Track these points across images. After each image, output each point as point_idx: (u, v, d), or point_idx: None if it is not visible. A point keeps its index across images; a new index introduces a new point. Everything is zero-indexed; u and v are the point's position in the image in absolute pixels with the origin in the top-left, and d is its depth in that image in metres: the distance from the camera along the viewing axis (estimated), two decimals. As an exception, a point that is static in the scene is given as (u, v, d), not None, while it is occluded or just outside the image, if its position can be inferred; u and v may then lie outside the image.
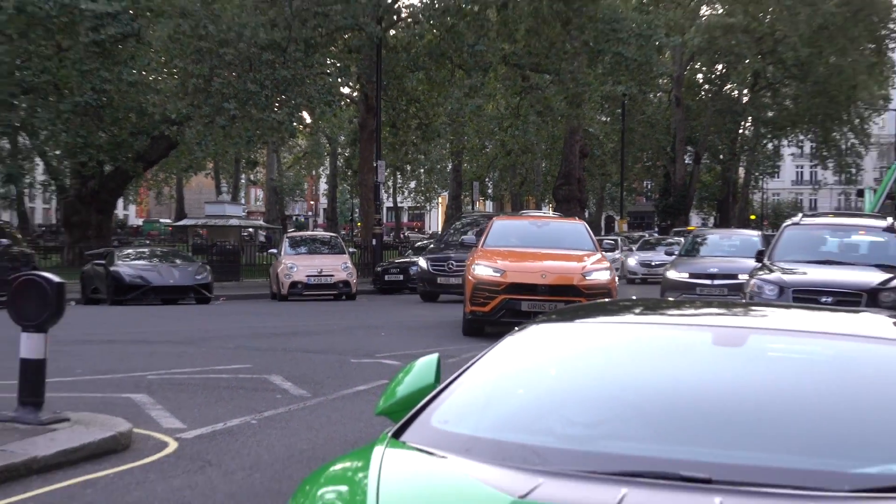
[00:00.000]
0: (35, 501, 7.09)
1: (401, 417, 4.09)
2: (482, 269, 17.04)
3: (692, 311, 4.77)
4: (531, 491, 3.36)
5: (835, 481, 3.43)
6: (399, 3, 36.23)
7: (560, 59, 34.92)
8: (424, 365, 4.47)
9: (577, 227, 20.93)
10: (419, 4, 37.42)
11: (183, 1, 30.50)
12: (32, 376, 8.82)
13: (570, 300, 14.69)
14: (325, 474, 3.65)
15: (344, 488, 3.51)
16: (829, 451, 3.63)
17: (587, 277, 16.95)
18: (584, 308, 4.94)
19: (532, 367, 4.35)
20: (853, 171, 70.13)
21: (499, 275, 16.67)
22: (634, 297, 21.34)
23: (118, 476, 7.80)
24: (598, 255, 18.95)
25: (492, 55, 34.77)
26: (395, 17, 35.47)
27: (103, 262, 27.15)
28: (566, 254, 18.39)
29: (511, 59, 36.05)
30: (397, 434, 3.90)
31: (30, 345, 8.77)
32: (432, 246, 31.31)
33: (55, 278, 9.04)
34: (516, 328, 4.75)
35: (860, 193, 74.95)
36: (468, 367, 4.27)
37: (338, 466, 3.70)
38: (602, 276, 17.57)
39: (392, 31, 34.73)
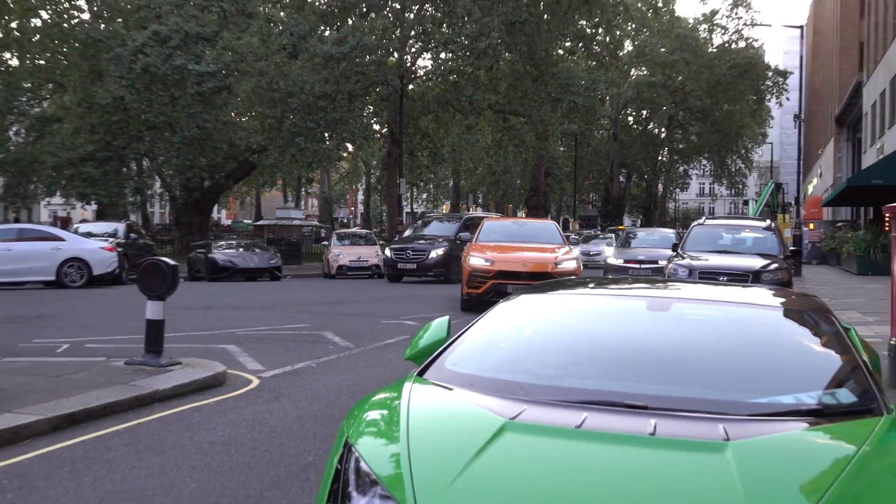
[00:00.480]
0: (158, 422, 7.08)
1: (422, 362, 4.09)
2: (475, 260, 16.36)
3: (631, 286, 4.75)
4: (518, 414, 3.36)
5: (736, 408, 3.43)
6: (415, 66, 36.02)
7: (530, 106, 34.87)
8: (439, 324, 4.50)
9: (549, 226, 20.28)
10: (430, 67, 37.31)
11: (261, 64, 30.43)
12: (154, 332, 8.88)
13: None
14: (369, 402, 3.64)
15: (384, 412, 3.50)
16: (731, 387, 3.65)
17: (558, 266, 16.33)
18: (553, 284, 4.94)
19: (516, 326, 4.36)
20: (740, 187, 70.11)
21: (489, 264, 16.01)
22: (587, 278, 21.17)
23: (217, 404, 7.81)
24: (567, 248, 18.26)
25: (482, 103, 34.71)
26: (412, 76, 35.24)
27: (203, 250, 27.26)
28: (541, 247, 17.62)
29: (495, 106, 35.93)
30: (421, 373, 3.90)
31: (153, 309, 8.81)
32: (396, 238, 30.08)
33: (171, 262, 9.13)
34: (503, 299, 4.74)
35: (746, 203, 74.89)
36: (470, 326, 4.27)
37: (378, 396, 3.69)
38: (570, 264, 16.92)
39: (410, 86, 34.50)
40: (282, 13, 35.36)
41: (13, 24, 40.09)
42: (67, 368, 8.82)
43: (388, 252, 27.13)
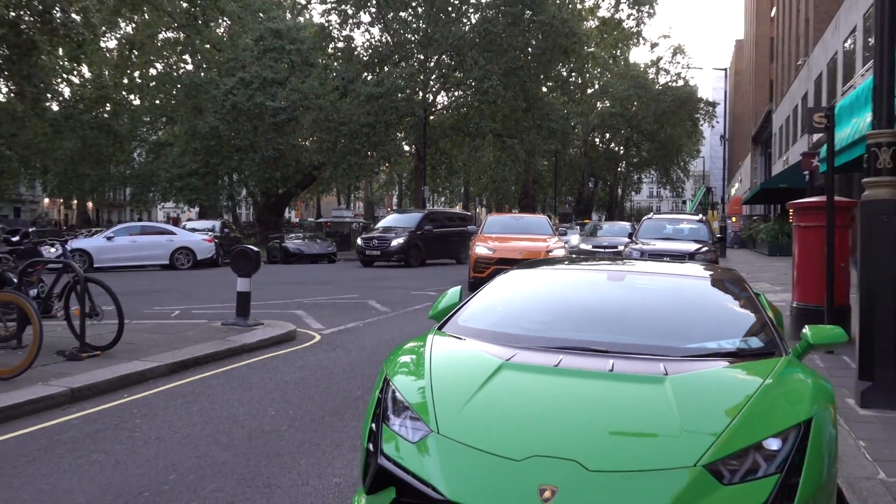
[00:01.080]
0: (246, 367, 7.09)
1: (441, 320, 4.08)
2: (480, 249, 15.13)
3: (595, 264, 4.72)
4: (512, 357, 3.37)
5: (673, 352, 3.43)
6: (435, 101, 35.84)
7: (522, 131, 34.64)
8: (453, 292, 4.46)
9: (541, 220, 18.62)
10: (446, 102, 37.14)
11: (320, 101, 30.40)
12: (243, 301, 8.88)
13: None
14: (402, 349, 3.65)
15: (413, 356, 3.50)
16: (670, 336, 3.64)
17: (549, 254, 14.94)
18: (539, 262, 4.91)
19: (510, 293, 4.32)
20: (680, 190, 69.29)
21: (491, 252, 14.81)
22: (564, 257, 21.02)
23: (289, 353, 7.83)
24: (556, 238, 16.89)
25: (485, 129, 34.43)
26: (433, 109, 35.04)
27: (278, 241, 27.09)
28: (535, 237, 16.15)
29: (495, 132, 35.60)
30: (440, 328, 3.91)
31: (242, 284, 8.82)
32: (369, 229, 28.30)
33: (255, 248, 9.10)
34: (501, 273, 4.72)
35: (684, 203, 74.21)
36: (476, 293, 4.26)
37: (409, 345, 3.70)
38: (559, 252, 15.50)
39: (431, 117, 34.28)
40: (335, 63, 35.22)
41: (136, 74, 40.20)
42: (179, 328, 8.86)
43: (358, 241, 24.90)
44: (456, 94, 35.43)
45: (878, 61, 5.27)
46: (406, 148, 39.03)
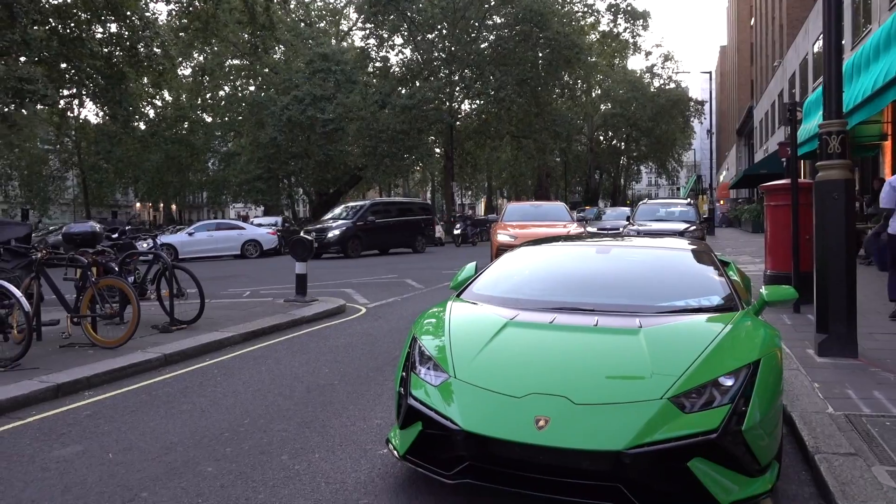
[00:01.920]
0: (305, 335, 7.30)
1: (459, 289, 4.24)
2: (502, 237, 13.76)
3: (587, 241, 4.83)
4: (514, 317, 3.52)
5: (647, 309, 3.54)
6: (460, 109, 35.72)
7: (535, 133, 34.42)
8: (469, 267, 4.63)
9: (559, 207, 16.66)
10: (469, 110, 37.04)
11: (362, 112, 30.54)
12: (301, 281, 9.10)
13: None
14: (427, 313, 3.81)
15: (435, 319, 3.67)
16: (645, 297, 3.74)
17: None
18: (541, 240, 5.04)
19: (516, 266, 4.44)
20: (675, 179, 68.38)
21: (513, 239, 13.21)
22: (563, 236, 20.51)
23: (340, 323, 8.02)
24: (575, 224, 15.25)
25: (503, 132, 34.37)
26: (458, 116, 34.93)
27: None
28: (554, 223, 14.50)
29: (512, 133, 35.50)
30: (458, 296, 4.06)
31: (300, 267, 9.05)
32: (313, 223, 25.14)
33: (309, 238, 9.30)
34: (507, 250, 4.85)
35: (679, 189, 73.09)
36: (488, 267, 4.41)
37: (432, 310, 3.86)
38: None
39: (457, 123, 34.22)
40: (374, 80, 35.31)
41: (208, 96, 40.81)
42: (250, 305, 9.12)
43: (302, 234, 20.93)
44: (477, 102, 35.27)
45: (826, 62, 5.27)
46: (437, 151, 39.04)
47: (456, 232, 28.16)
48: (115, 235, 9.14)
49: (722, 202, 44.64)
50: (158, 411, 4.55)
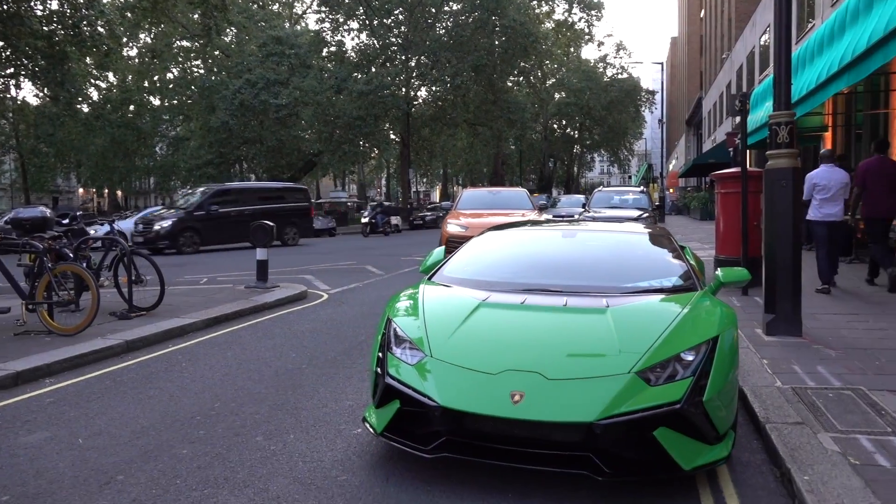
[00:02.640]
0: (268, 321, 7.28)
1: (430, 273, 4.32)
2: (452, 227, 11.87)
3: (553, 226, 4.96)
4: (487, 298, 3.63)
5: (613, 290, 3.69)
6: (416, 96, 35.63)
7: (492, 120, 34.62)
8: (438, 251, 4.71)
9: (519, 194, 14.40)
10: (425, 96, 36.98)
11: (318, 98, 30.15)
12: (262, 267, 9.04)
13: None
14: (400, 295, 3.89)
15: (409, 300, 3.74)
16: (610, 279, 3.89)
17: None
18: (507, 224, 5.14)
19: (484, 250, 4.55)
20: (626, 167, 69.77)
21: (464, 230, 11.51)
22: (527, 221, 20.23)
23: (303, 309, 8.01)
24: (536, 212, 13.32)
25: (459, 119, 34.46)
26: (414, 103, 34.89)
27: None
28: (512, 212, 12.52)
29: (468, 121, 35.64)
30: (429, 279, 4.15)
31: (261, 253, 8.99)
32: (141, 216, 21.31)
33: (270, 224, 9.19)
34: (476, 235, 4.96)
35: (630, 178, 74.57)
36: (456, 251, 4.50)
37: (405, 292, 3.93)
38: None
39: (413, 109, 34.14)
40: (329, 64, 34.85)
41: (155, 78, 39.61)
42: (209, 292, 9.02)
43: (130, 224, 18.53)
44: (433, 89, 35.27)
45: (776, 56, 5.54)
46: (392, 137, 38.90)
47: (364, 220, 27.64)
48: (66, 221, 8.87)
49: (671, 190, 45.86)
50: (125, 397, 4.51)
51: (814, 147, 17.29)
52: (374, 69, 32.47)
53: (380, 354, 3.33)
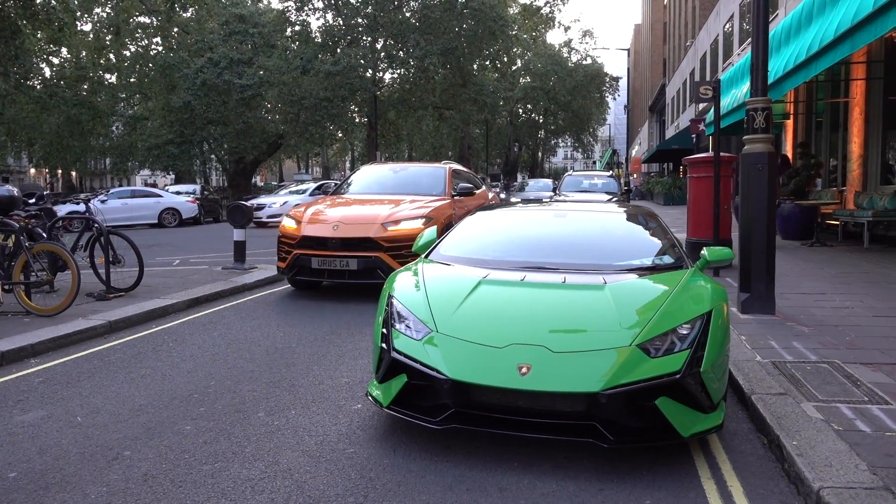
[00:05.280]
0: (250, 301, 7.26)
1: (424, 252, 4.39)
2: (287, 221, 7.68)
3: (544, 206, 5.06)
4: (487, 275, 3.71)
5: (609, 268, 3.80)
6: (383, 78, 35.29)
7: (459, 104, 34.56)
8: (430, 231, 4.72)
9: (435, 172, 9.23)
10: (393, 79, 36.67)
11: (284, 77, 29.63)
12: (240, 248, 8.96)
13: (365, 255, 6.88)
14: (399, 274, 3.92)
15: (409, 278, 3.78)
16: (606, 257, 4.01)
17: (390, 228, 7.10)
18: (499, 205, 5.17)
19: (479, 229, 4.62)
20: (590, 152, 70.41)
21: (297, 227, 7.40)
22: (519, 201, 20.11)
23: (284, 290, 7.95)
24: (439, 203, 7.94)
25: (426, 102, 34.30)
26: (382, 85, 34.54)
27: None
28: (399, 199, 7.93)
29: (435, 104, 35.49)
30: (426, 257, 4.22)
31: (238, 234, 8.87)
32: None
33: (248, 204, 9.13)
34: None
35: (594, 163, 75.46)
36: (450, 231, 4.57)
37: (404, 271, 3.97)
38: (412, 224, 7.16)
39: (380, 92, 33.84)
40: (293, 44, 34.23)
41: (111, 55, 38.37)
42: (185, 273, 8.91)
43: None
44: (400, 71, 35.00)
45: (755, 43, 5.72)
46: (359, 119, 38.52)
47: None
48: (33, 201, 8.64)
49: (635, 175, 46.64)
50: (116, 376, 4.49)
51: (776, 135, 17.82)
52: (339, 50, 32.03)
53: (384, 331, 3.39)
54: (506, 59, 41.51)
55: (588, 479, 2.93)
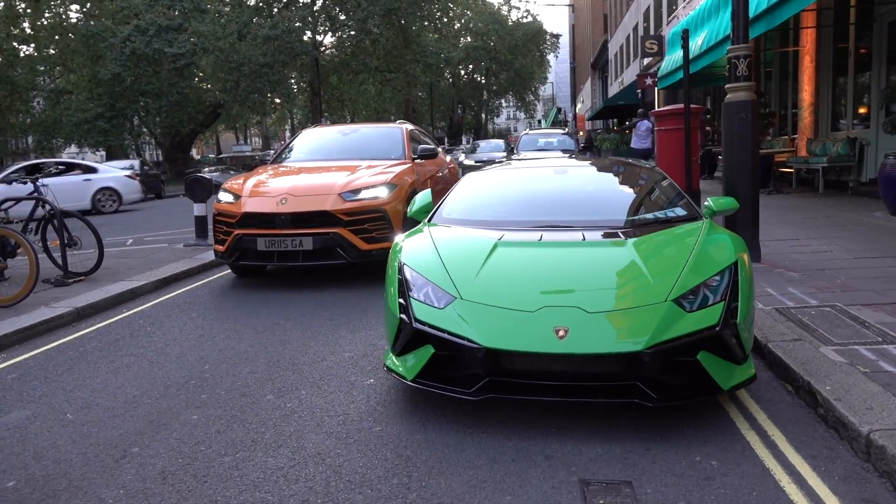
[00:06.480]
0: (222, 278, 6.92)
1: (420, 217, 4.20)
2: (223, 195, 6.53)
3: (540, 163, 4.92)
4: (502, 237, 3.57)
5: (627, 223, 3.71)
6: (324, 42, 34.26)
7: (402, 66, 33.90)
8: (423, 194, 4.51)
9: (391, 133, 8.08)
10: (333, 41, 35.63)
11: (220, 44, 28.31)
12: (201, 224, 8.56)
13: (322, 232, 5.90)
14: (405, 240, 3.73)
15: (418, 243, 3.62)
16: (618, 212, 3.92)
17: (349, 199, 6.04)
18: (498, 163, 4.99)
19: (480, 189, 4.46)
20: (533, 112, 70.66)
21: (236, 202, 6.27)
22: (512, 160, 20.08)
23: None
24: (402, 167, 6.90)
25: (369, 65, 33.51)
26: (323, 49, 33.54)
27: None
28: (355, 165, 6.81)
29: (378, 68, 34.73)
30: (429, 221, 4.03)
31: (198, 209, 8.50)
32: None
33: (208, 177, 8.68)
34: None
35: (539, 122, 75.64)
36: (450, 193, 4.39)
37: (410, 237, 3.77)
38: (374, 193, 6.13)
39: (324, 54, 32.83)
40: (226, 8, 32.71)
41: (25, 25, 35.83)
42: (145, 253, 8.45)
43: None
44: (340, 34, 34.01)
45: (736, -11, 5.64)
46: (301, 85, 37.38)
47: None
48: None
49: (582, 133, 46.98)
50: (98, 367, 4.17)
51: (724, 87, 18.10)
52: (276, 12, 30.79)
53: (401, 301, 3.21)
54: (445, 19, 40.89)
55: (631, 441, 2.86)
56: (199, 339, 4.68)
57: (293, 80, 35.47)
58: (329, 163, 7.26)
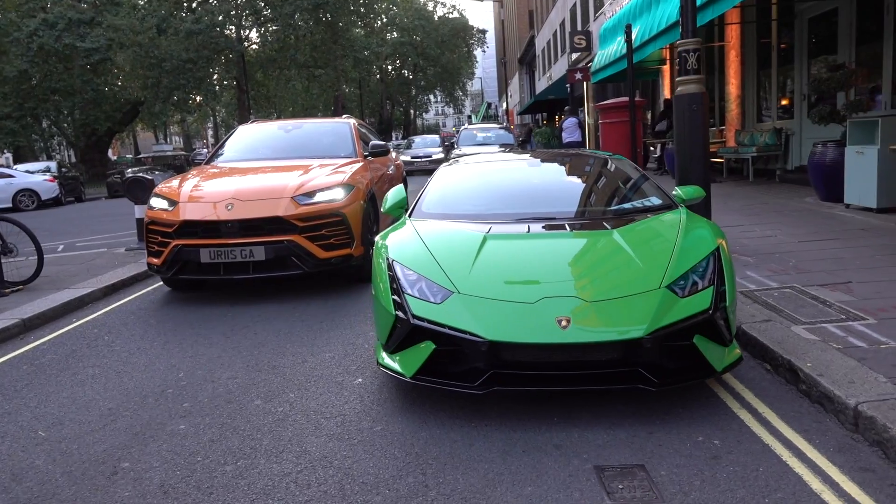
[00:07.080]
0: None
1: (396, 214, 4.14)
2: (156, 201, 5.74)
3: (512, 156, 4.94)
4: (489, 230, 3.57)
5: (609, 213, 3.78)
6: (249, 37, 33.29)
7: (331, 61, 33.38)
8: (397, 189, 4.43)
9: (338, 128, 7.54)
10: (258, 36, 34.68)
11: (138, 38, 27.03)
12: (142, 226, 8.12)
13: (275, 241, 5.29)
14: (388, 237, 3.67)
15: (404, 238, 3.57)
16: (598, 202, 3.99)
17: (304, 203, 5.42)
18: (471, 157, 4.95)
19: (456, 182, 4.44)
20: (461, 107, 71.20)
21: (172, 209, 5.51)
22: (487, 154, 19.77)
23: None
24: (348, 165, 6.34)
25: (296, 61, 32.82)
26: (250, 45, 32.59)
27: (119, 176, 23.93)
28: (300, 165, 6.25)
29: (306, 63, 34.02)
30: (410, 215, 3.99)
31: (139, 211, 8.02)
32: None
33: (149, 177, 8.22)
34: (443, 164, 4.77)
35: (469, 118, 76.23)
36: (427, 187, 4.35)
37: (393, 233, 3.72)
38: (331, 195, 5.53)
39: (251, 49, 31.91)
40: (141, 1, 31.27)
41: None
42: (84, 259, 8.00)
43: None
44: (270, 28, 33.16)
45: (686, -15, 5.84)
46: (225, 82, 36.23)
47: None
48: None
49: (512, 126, 47.73)
50: (61, 380, 3.92)
51: (652, 81, 18.76)
52: (195, 6, 29.67)
53: (395, 298, 3.16)
54: (372, 14, 40.62)
55: (633, 425, 2.93)
56: (164, 345, 4.48)
57: (216, 78, 34.35)
58: (274, 162, 6.63)
